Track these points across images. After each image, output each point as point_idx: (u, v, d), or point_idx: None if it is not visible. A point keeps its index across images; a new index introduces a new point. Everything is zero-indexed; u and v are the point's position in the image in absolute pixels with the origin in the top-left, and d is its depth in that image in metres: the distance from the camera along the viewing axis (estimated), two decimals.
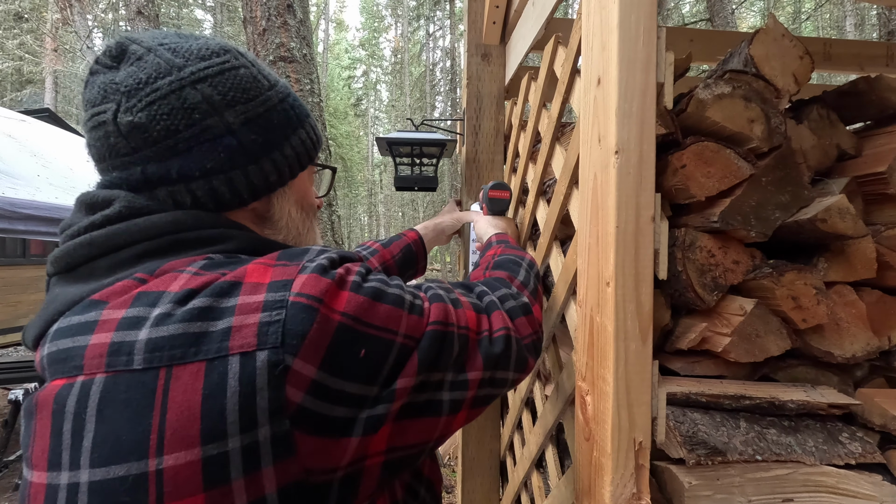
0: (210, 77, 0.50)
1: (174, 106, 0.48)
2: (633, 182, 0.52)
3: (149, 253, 0.46)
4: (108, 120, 0.47)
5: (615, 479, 0.52)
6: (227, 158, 0.50)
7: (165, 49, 0.50)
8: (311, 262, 0.45)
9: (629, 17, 0.52)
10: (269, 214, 0.57)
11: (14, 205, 3.08)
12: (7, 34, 16.31)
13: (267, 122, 0.54)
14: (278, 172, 0.55)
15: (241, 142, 0.51)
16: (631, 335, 0.52)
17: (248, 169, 0.52)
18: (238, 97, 0.52)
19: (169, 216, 0.48)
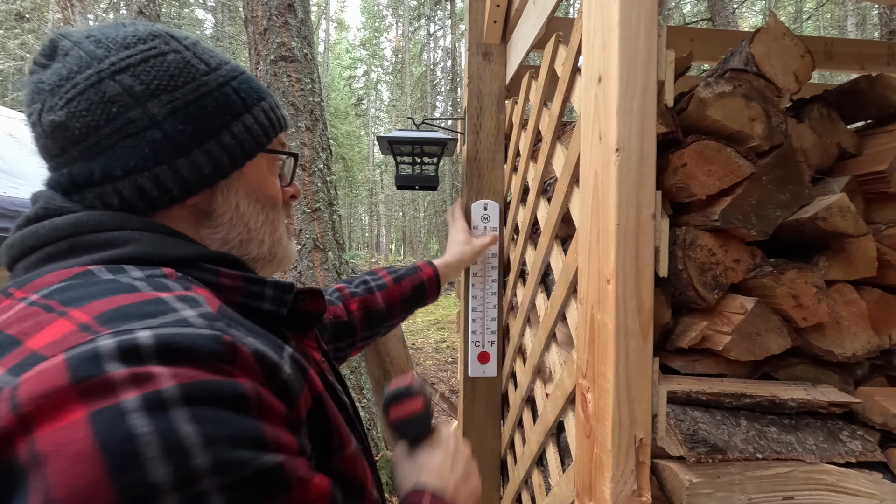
0: (132, 66, 0.47)
1: (93, 100, 0.45)
2: (633, 180, 0.53)
3: (52, 256, 0.44)
4: (35, 121, 0.47)
5: (616, 475, 0.53)
6: (151, 153, 0.47)
7: (90, 41, 0.47)
8: (116, 336, 0.33)
9: (630, 15, 0.53)
10: (210, 209, 0.53)
11: (16, 204, 3.09)
12: (8, 34, 16.33)
13: (199, 109, 0.49)
14: (214, 164, 0.50)
15: (166, 134, 0.47)
16: (631, 332, 0.53)
17: (177, 163, 0.48)
18: (164, 85, 0.48)
19: (71, 218, 0.46)
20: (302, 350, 0.58)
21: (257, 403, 0.36)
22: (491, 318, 1.33)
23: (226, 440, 0.33)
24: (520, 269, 1.23)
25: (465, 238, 1.23)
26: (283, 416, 0.39)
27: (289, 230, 0.63)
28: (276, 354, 0.41)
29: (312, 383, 0.46)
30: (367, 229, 34.68)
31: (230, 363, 0.36)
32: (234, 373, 0.36)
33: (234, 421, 0.34)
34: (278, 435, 0.37)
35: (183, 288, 0.42)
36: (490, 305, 1.33)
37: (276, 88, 3.39)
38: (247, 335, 0.40)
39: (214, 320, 0.39)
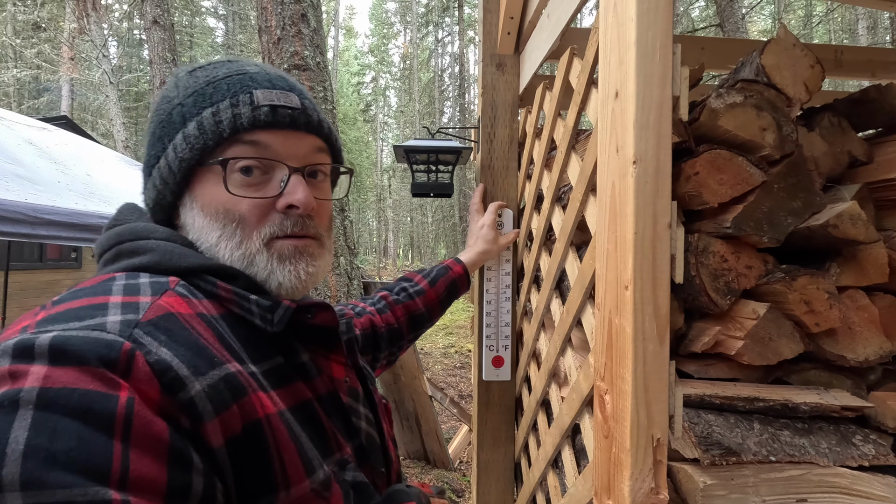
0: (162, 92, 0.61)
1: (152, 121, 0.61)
2: (650, 191, 0.55)
3: (107, 261, 0.53)
4: None
5: (634, 474, 0.55)
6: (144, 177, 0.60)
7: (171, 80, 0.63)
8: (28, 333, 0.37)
9: (646, 34, 0.55)
10: (183, 227, 0.57)
11: (37, 210, 3.17)
12: (26, 43, 16.67)
13: (154, 138, 0.58)
14: (160, 180, 0.56)
15: (145, 162, 0.59)
16: (649, 336, 0.55)
17: (147, 185, 0.59)
18: (149, 124, 0.60)
19: (119, 229, 0.56)
20: (319, 365, 0.57)
21: (124, 423, 0.34)
22: (505, 323, 1.35)
23: (52, 455, 0.31)
24: (534, 274, 1.25)
25: (492, 236, 1.26)
26: (163, 441, 0.36)
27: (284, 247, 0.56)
28: (193, 371, 0.40)
29: (249, 409, 0.43)
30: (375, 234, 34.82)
31: (121, 372, 0.36)
32: (117, 383, 0.35)
33: (80, 437, 0.32)
34: (133, 464, 0.34)
35: (152, 294, 0.45)
36: (504, 310, 1.36)
37: None
38: (168, 347, 0.40)
39: (134, 327, 0.40)
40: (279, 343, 0.53)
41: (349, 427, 0.57)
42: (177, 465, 0.36)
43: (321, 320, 0.56)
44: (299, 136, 0.57)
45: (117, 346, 0.37)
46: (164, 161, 0.55)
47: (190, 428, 0.39)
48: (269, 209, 0.55)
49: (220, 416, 0.41)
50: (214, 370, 0.42)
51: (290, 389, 0.51)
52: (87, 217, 3.46)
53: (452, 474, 3.73)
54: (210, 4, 23.46)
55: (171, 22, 7.61)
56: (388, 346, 0.95)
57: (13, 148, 3.88)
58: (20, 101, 18.20)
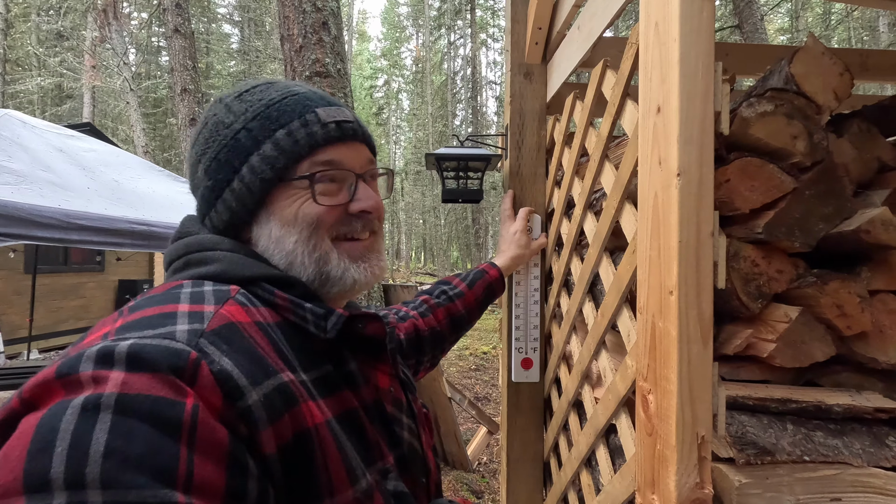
0: (209, 114, 0.63)
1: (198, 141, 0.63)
2: (693, 201, 0.58)
3: (176, 269, 0.56)
4: None
5: (680, 469, 0.58)
6: (203, 204, 0.62)
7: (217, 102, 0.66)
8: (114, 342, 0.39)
9: (689, 53, 0.59)
10: (256, 241, 0.61)
11: (69, 216, 3.27)
12: (49, 52, 17.13)
13: (219, 162, 0.59)
14: (231, 211, 0.59)
15: (209, 186, 0.60)
16: (693, 339, 0.58)
17: (217, 207, 0.60)
18: (204, 148, 0.61)
19: (187, 240, 0.59)
20: (366, 374, 0.59)
21: (190, 429, 0.36)
22: (533, 326, 1.39)
23: (127, 457, 0.33)
24: (564, 278, 1.29)
25: (525, 241, 1.31)
26: (224, 448, 0.38)
27: (353, 248, 0.62)
28: (251, 380, 0.42)
29: (300, 418, 0.45)
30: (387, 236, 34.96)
31: (188, 380, 0.39)
32: (185, 390, 0.38)
33: (152, 441, 0.35)
34: (197, 469, 0.36)
35: (216, 302, 0.48)
36: (532, 313, 1.39)
37: None
38: (229, 356, 0.43)
39: (199, 336, 0.42)
40: (329, 351, 0.56)
41: (392, 437, 0.59)
42: (235, 471, 0.38)
43: (371, 331, 0.58)
44: (357, 145, 0.64)
45: (185, 355, 0.40)
46: (238, 183, 0.58)
47: (247, 435, 0.41)
48: (342, 213, 0.61)
49: (274, 425, 0.43)
50: (269, 380, 0.44)
51: (337, 398, 0.53)
52: (115, 222, 3.56)
53: (471, 475, 3.75)
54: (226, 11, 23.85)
55: (191, 30, 7.78)
56: (430, 349, 0.99)
57: (45, 155, 4.01)
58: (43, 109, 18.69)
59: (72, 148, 4.73)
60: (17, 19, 17.02)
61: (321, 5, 3.59)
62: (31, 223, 3.02)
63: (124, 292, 9.09)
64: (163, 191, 4.88)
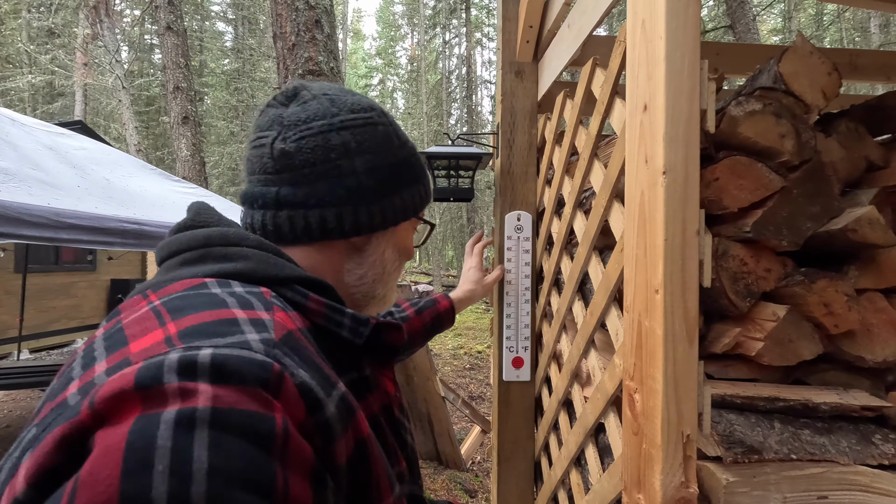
0: (354, 127, 0.59)
1: (318, 143, 0.57)
2: (679, 199, 0.58)
3: (187, 261, 0.51)
4: (267, 143, 0.58)
5: (665, 468, 0.58)
6: (344, 195, 0.58)
7: (326, 98, 0.60)
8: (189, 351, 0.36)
9: (675, 51, 0.58)
10: (364, 248, 0.63)
11: (59, 215, 3.24)
12: (40, 49, 16.96)
13: (387, 173, 0.61)
14: (383, 217, 0.62)
15: (360, 184, 0.59)
16: (679, 337, 0.58)
17: (359, 208, 0.60)
18: (369, 147, 0.60)
19: (206, 231, 0.54)
20: (378, 380, 0.60)
21: (282, 445, 0.36)
22: (524, 325, 1.38)
23: (231, 475, 0.32)
24: (554, 277, 1.28)
25: (478, 277, 1.33)
26: (309, 463, 0.38)
27: None
28: (324, 391, 0.42)
29: (358, 427, 0.45)
30: None
31: (273, 393, 0.37)
32: (273, 404, 0.37)
33: (251, 457, 0.33)
34: (291, 486, 0.35)
35: (264, 308, 0.46)
36: (523, 312, 1.39)
37: None
38: (300, 366, 0.42)
39: (273, 347, 0.41)
40: (352, 357, 0.55)
41: (401, 441, 0.59)
42: (318, 486, 0.38)
43: (392, 339, 0.59)
44: None
45: (269, 367, 0.38)
46: (391, 202, 0.62)
47: (322, 447, 0.40)
48: None
49: (345, 436, 0.42)
50: (334, 390, 0.43)
51: (364, 404, 0.53)
52: (106, 220, 3.53)
53: (465, 475, 3.76)
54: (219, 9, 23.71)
55: (184, 28, 7.72)
56: None
57: (34, 153, 3.97)
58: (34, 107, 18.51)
59: (62, 146, 4.69)
60: (8, 16, 16.85)
61: (314, 3, 3.57)
62: (19, 222, 2.98)
63: (116, 292, 9.02)
64: (155, 189, 4.85)
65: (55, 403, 0.36)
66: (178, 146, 7.36)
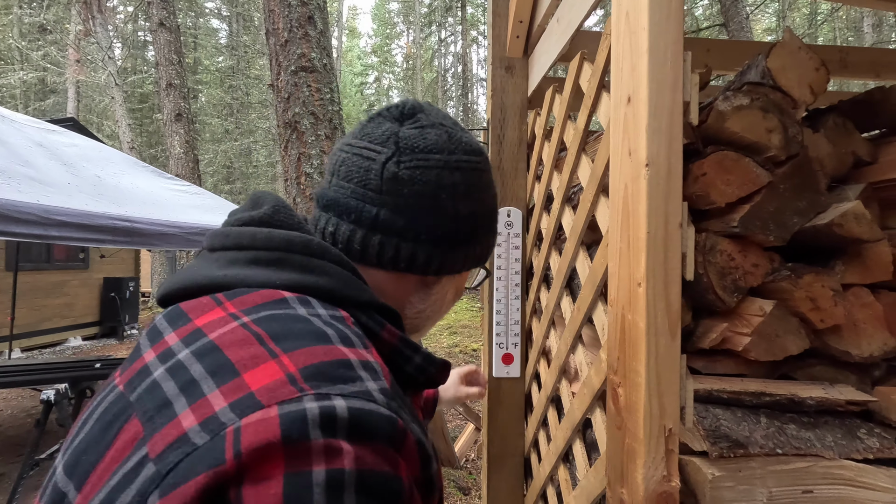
0: (465, 170, 0.59)
1: (431, 179, 0.56)
2: (662, 192, 0.58)
3: (258, 261, 0.50)
4: (378, 160, 0.56)
5: (647, 462, 0.57)
6: (439, 236, 0.57)
7: (444, 130, 0.59)
8: (319, 399, 0.36)
9: (658, 42, 0.58)
10: (432, 287, 0.63)
11: (48, 211, 3.21)
12: (32, 46, 16.81)
13: (480, 222, 0.61)
14: (463, 263, 0.62)
15: (458, 229, 0.59)
16: (661, 331, 0.58)
17: (448, 252, 0.59)
18: (473, 194, 0.59)
19: (287, 234, 0.52)
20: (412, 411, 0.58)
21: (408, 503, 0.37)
22: (514, 321, 1.38)
23: None
24: (543, 273, 1.28)
25: (455, 381, 1.23)
26: None
27: None
28: (430, 446, 0.42)
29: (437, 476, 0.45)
30: None
31: (398, 449, 0.38)
32: (399, 464, 0.38)
33: None
34: None
35: (362, 346, 0.45)
36: (514, 308, 1.38)
37: (297, 98, 3.49)
38: (412, 420, 0.41)
39: (391, 399, 0.41)
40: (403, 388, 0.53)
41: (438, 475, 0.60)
42: None
43: (443, 379, 0.58)
44: None
45: (395, 424, 0.38)
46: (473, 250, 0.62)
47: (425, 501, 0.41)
48: None
49: (440, 488, 0.43)
50: (427, 439, 0.43)
51: None
52: (97, 218, 3.50)
53: (458, 472, 3.76)
54: (214, 6, 23.57)
55: (176, 24, 7.67)
56: None
57: (24, 150, 3.93)
58: (26, 104, 18.35)
59: (52, 143, 4.64)
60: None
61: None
62: (8, 219, 2.96)
63: (109, 290, 8.95)
64: (147, 187, 4.82)
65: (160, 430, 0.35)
66: (170, 143, 7.31)
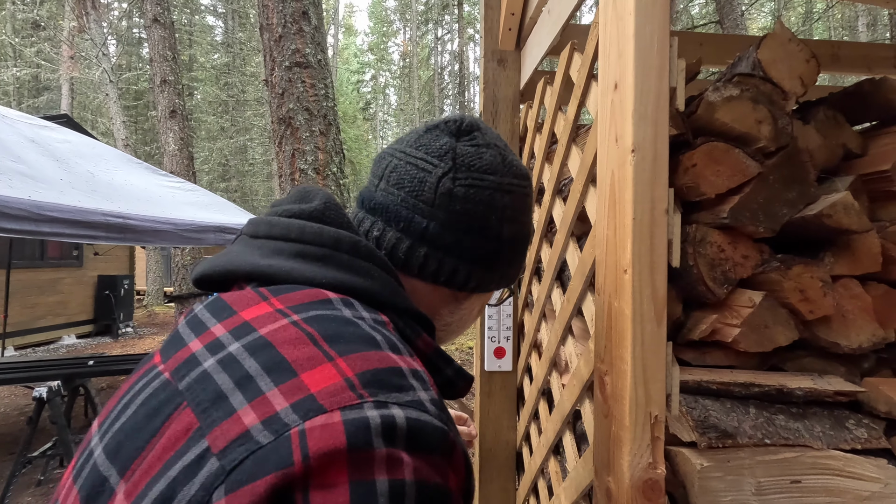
0: (515, 193, 0.60)
1: (484, 199, 0.57)
2: (648, 178, 0.58)
3: (303, 254, 0.51)
4: (434, 173, 0.57)
5: (633, 449, 0.57)
6: (482, 256, 0.59)
7: (498, 152, 0.60)
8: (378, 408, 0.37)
9: (644, 27, 0.58)
10: (462, 302, 0.64)
11: (40, 207, 3.18)
12: (25, 42, 16.68)
13: (519, 245, 0.63)
14: (497, 283, 0.63)
15: (499, 251, 0.60)
16: (647, 318, 0.57)
17: (487, 272, 0.60)
18: (518, 218, 0.61)
19: (337, 232, 0.52)
20: None
21: None
22: (506, 315, 1.38)
23: None
24: (535, 266, 1.28)
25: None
26: None
27: None
28: (468, 453, 0.43)
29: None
30: None
31: (448, 461, 0.39)
32: (449, 475, 0.39)
33: None
34: None
35: (408, 353, 0.46)
36: (505, 302, 1.38)
37: (291, 94, 3.47)
38: (457, 433, 0.42)
39: (441, 410, 0.42)
40: None
41: None
42: None
43: (465, 392, 0.60)
44: None
45: (447, 435, 0.39)
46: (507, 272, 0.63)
47: None
48: None
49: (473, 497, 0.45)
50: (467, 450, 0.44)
51: None
52: (89, 214, 3.48)
53: None
54: (209, 2, 23.43)
55: (171, 20, 7.62)
56: None
57: (16, 146, 3.90)
58: (20, 100, 18.21)
59: (44, 139, 4.60)
60: None
61: None
62: None
63: (104, 288, 8.91)
64: (140, 183, 4.78)
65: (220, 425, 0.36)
66: (165, 140, 7.27)
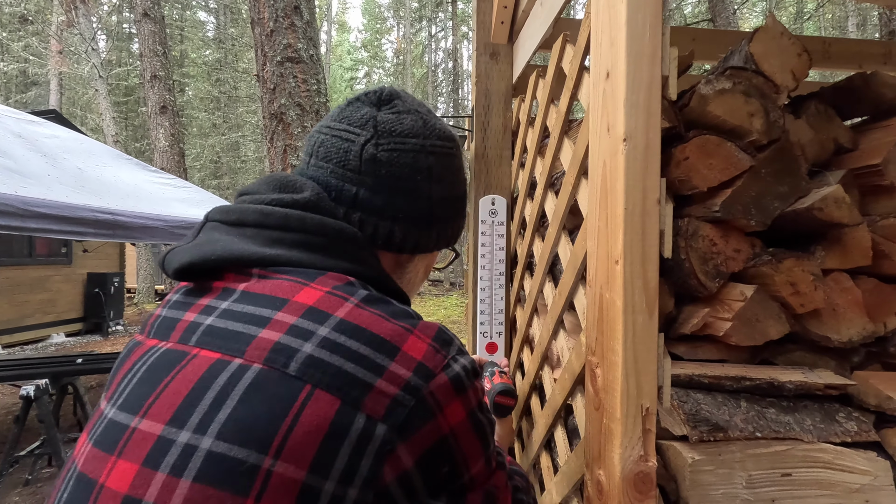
0: (440, 154, 0.63)
1: (408, 161, 0.60)
2: (640, 167, 0.57)
3: (303, 244, 0.54)
4: (357, 142, 0.59)
5: (624, 442, 0.57)
6: (415, 216, 0.62)
7: (419, 117, 0.63)
8: (455, 362, 0.51)
9: (636, 14, 0.57)
10: (406, 266, 0.68)
11: (27, 203, 3.13)
12: (12, 36, 16.42)
13: (451, 204, 0.66)
14: (436, 243, 0.67)
15: (431, 210, 0.63)
16: (638, 309, 0.57)
17: (422, 231, 0.64)
18: (446, 177, 0.64)
19: (338, 224, 0.56)
20: None
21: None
22: (499, 310, 1.37)
23: (493, 432, 0.56)
24: (527, 261, 1.27)
25: None
26: None
27: None
28: None
29: None
30: None
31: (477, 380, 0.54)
32: (480, 391, 0.54)
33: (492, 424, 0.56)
34: None
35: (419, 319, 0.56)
36: (498, 297, 1.37)
37: (283, 89, 3.44)
38: None
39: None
40: None
41: None
42: None
43: None
44: None
45: (477, 367, 0.54)
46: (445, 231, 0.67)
47: None
48: None
49: None
50: None
51: None
52: (77, 210, 3.43)
53: None
54: None
55: (161, 14, 7.53)
56: None
57: (2, 140, 3.83)
58: (7, 96, 17.94)
59: (31, 133, 4.53)
60: None
61: None
62: None
63: (93, 286, 8.79)
64: (129, 179, 4.72)
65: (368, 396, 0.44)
66: (155, 136, 7.19)
